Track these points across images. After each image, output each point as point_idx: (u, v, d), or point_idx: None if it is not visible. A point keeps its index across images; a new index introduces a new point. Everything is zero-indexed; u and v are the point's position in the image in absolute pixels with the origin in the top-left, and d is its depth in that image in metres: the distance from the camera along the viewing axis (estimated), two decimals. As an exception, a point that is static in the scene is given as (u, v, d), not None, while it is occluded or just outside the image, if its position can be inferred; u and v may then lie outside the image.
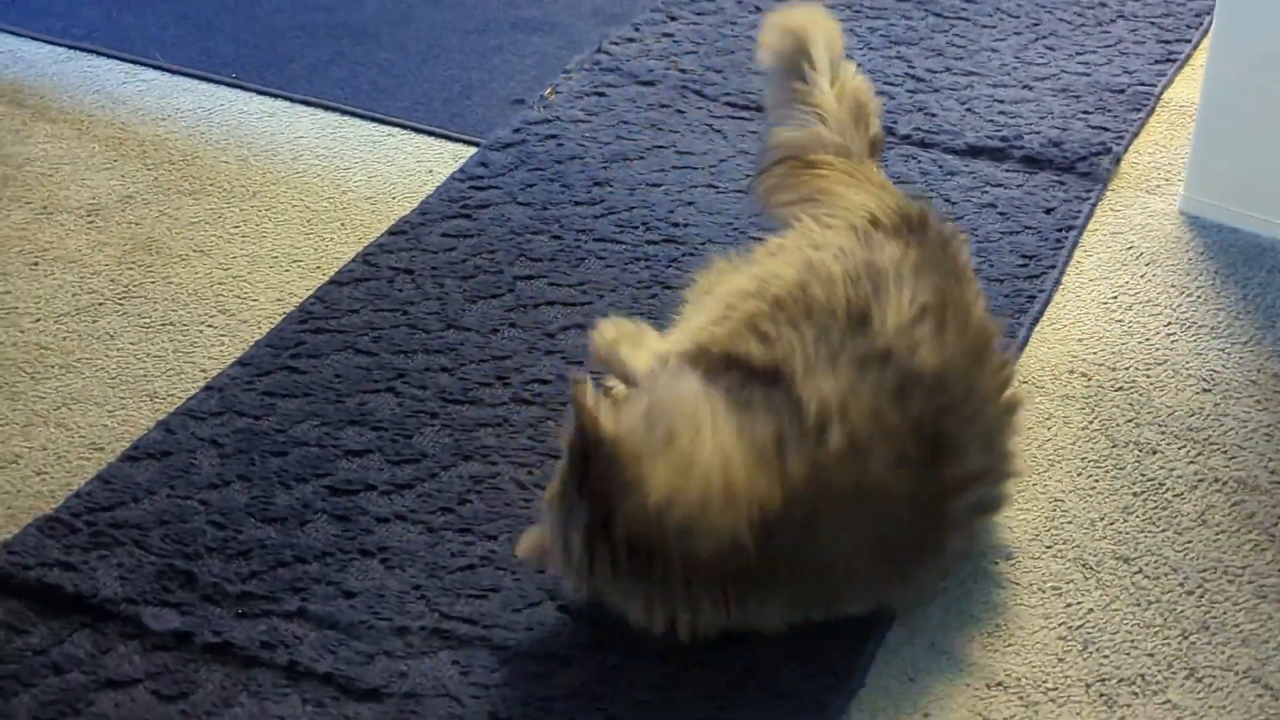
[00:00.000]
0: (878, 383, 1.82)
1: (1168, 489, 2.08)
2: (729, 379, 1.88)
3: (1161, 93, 2.88)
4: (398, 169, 2.73)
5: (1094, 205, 2.60)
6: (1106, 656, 1.87)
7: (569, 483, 1.78)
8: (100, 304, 2.41)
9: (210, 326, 2.37)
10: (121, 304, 2.41)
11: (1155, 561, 1.98)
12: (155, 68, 3.01)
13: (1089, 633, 1.89)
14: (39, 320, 2.38)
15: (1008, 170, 2.69)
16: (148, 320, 2.38)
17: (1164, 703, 1.81)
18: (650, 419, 1.81)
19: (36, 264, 2.50)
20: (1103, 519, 2.04)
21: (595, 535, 1.76)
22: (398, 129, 2.84)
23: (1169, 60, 2.97)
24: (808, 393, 1.82)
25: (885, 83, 2.91)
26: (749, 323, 1.94)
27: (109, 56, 3.05)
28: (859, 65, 2.93)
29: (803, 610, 1.83)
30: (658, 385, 1.89)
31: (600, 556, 1.76)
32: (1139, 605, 1.93)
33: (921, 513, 1.83)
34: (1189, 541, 2.01)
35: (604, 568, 1.77)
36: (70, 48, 3.08)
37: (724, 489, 1.75)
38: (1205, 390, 2.23)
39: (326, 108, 2.90)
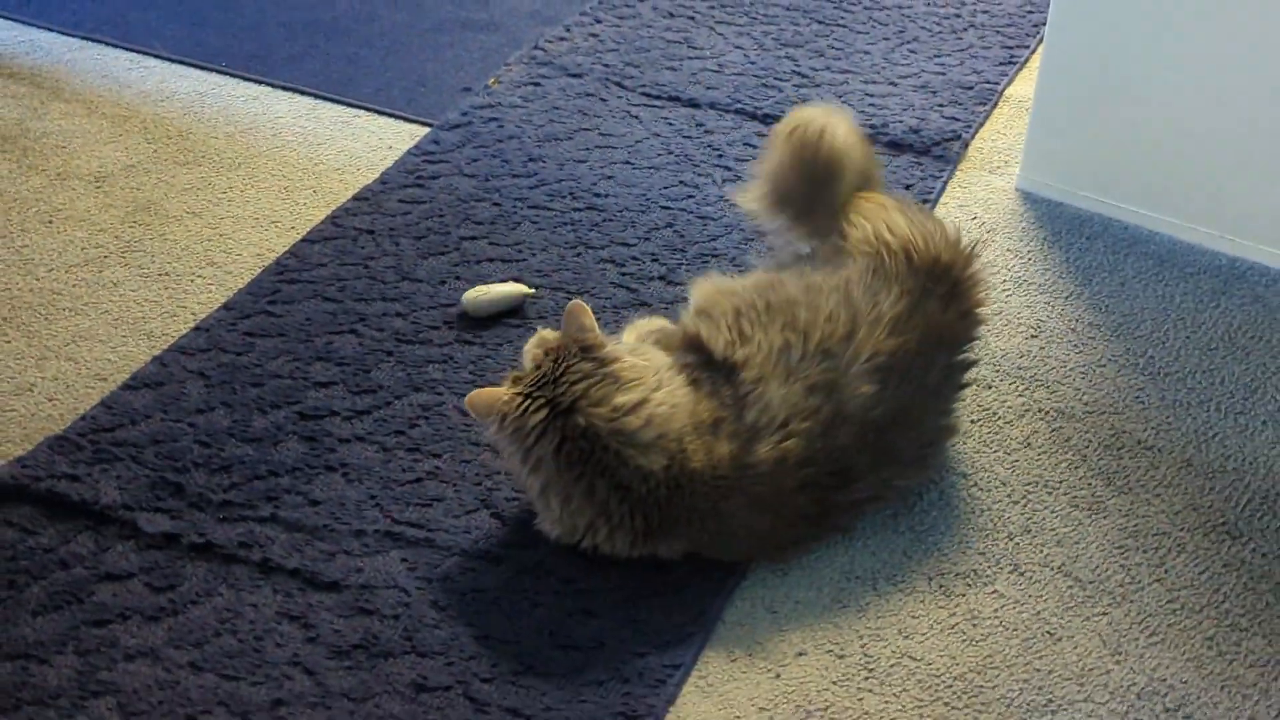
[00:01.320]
0: (817, 410, 1.79)
1: (999, 417, 2.09)
2: (690, 358, 1.87)
3: (1004, 89, 2.89)
4: (362, 145, 2.69)
5: (946, 183, 2.61)
6: (945, 555, 1.88)
7: (547, 368, 1.77)
8: (105, 256, 2.37)
9: (200, 276, 2.34)
10: (124, 257, 2.37)
11: (988, 477, 2.00)
12: (156, 56, 2.96)
13: (931, 535, 1.91)
14: (52, 270, 2.34)
15: (876, 153, 2.68)
16: (146, 271, 2.34)
17: (992, 593, 1.83)
18: (630, 355, 1.81)
19: (51, 222, 2.45)
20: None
21: (554, 418, 1.74)
22: (363, 111, 2.80)
23: (1010, 62, 2.98)
24: (754, 396, 1.80)
25: (775, 79, 2.89)
26: (737, 313, 1.89)
27: (116, 46, 2.98)
28: (753, 63, 2.94)
29: (696, 549, 1.82)
30: (635, 348, 1.88)
31: (550, 439, 1.74)
32: (973, 513, 1.94)
33: (809, 520, 1.83)
34: (1016, 460, 2.03)
35: (550, 449, 1.74)
36: (82, 38, 3.01)
37: (661, 430, 1.75)
38: (1033, 336, 2.25)
39: (302, 92, 2.85)
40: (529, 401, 1.77)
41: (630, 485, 1.74)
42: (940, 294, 1.92)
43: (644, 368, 1.80)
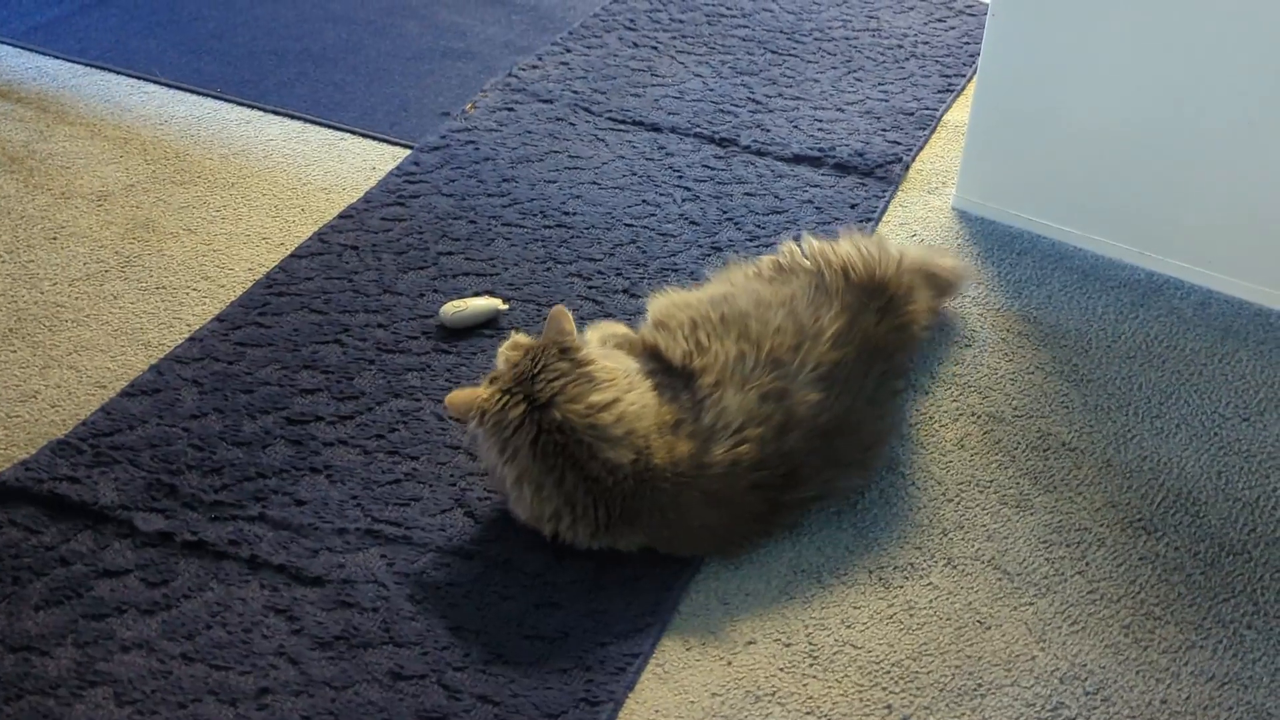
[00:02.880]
0: (769, 416, 1.80)
1: (935, 420, 2.10)
2: (650, 366, 1.87)
3: (942, 115, 2.89)
4: (348, 166, 2.67)
5: (888, 202, 2.61)
6: (884, 549, 1.88)
7: (525, 366, 1.76)
8: (106, 271, 2.35)
9: (195, 290, 2.31)
10: (123, 271, 2.35)
11: (924, 476, 2.00)
12: (155, 82, 2.93)
13: (871, 531, 1.91)
14: (56, 284, 2.31)
15: (823, 174, 2.69)
16: (144, 284, 2.32)
17: (928, 585, 1.83)
18: (604, 359, 1.81)
19: (55, 238, 2.43)
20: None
21: (531, 412, 1.74)
22: (349, 134, 2.78)
23: (948, 90, 2.98)
24: (711, 401, 1.80)
25: (732, 105, 2.89)
26: (694, 325, 1.90)
27: (118, 73, 2.95)
28: (711, 90, 2.93)
29: (653, 544, 1.82)
30: (608, 353, 1.87)
31: (526, 430, 1.74)
32: (910, 510, 1.94)
33: (759, 518, 1.83)
34: (950, 461, 2.03)
35: (526, 441, 1.73)
36: (86, 65, 2.98)
37: (630, 427, 1.74)
38: (966, 346, 2.25)
39: (292, 116, 2.83)
40: (508, 397, 1.76)
41: (598, 477, 1.74)
42: (875, 308, 1.94)
43: (616, 370, 1.80)
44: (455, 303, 2.23)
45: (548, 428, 1.73)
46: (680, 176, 2.66)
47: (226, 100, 2.87)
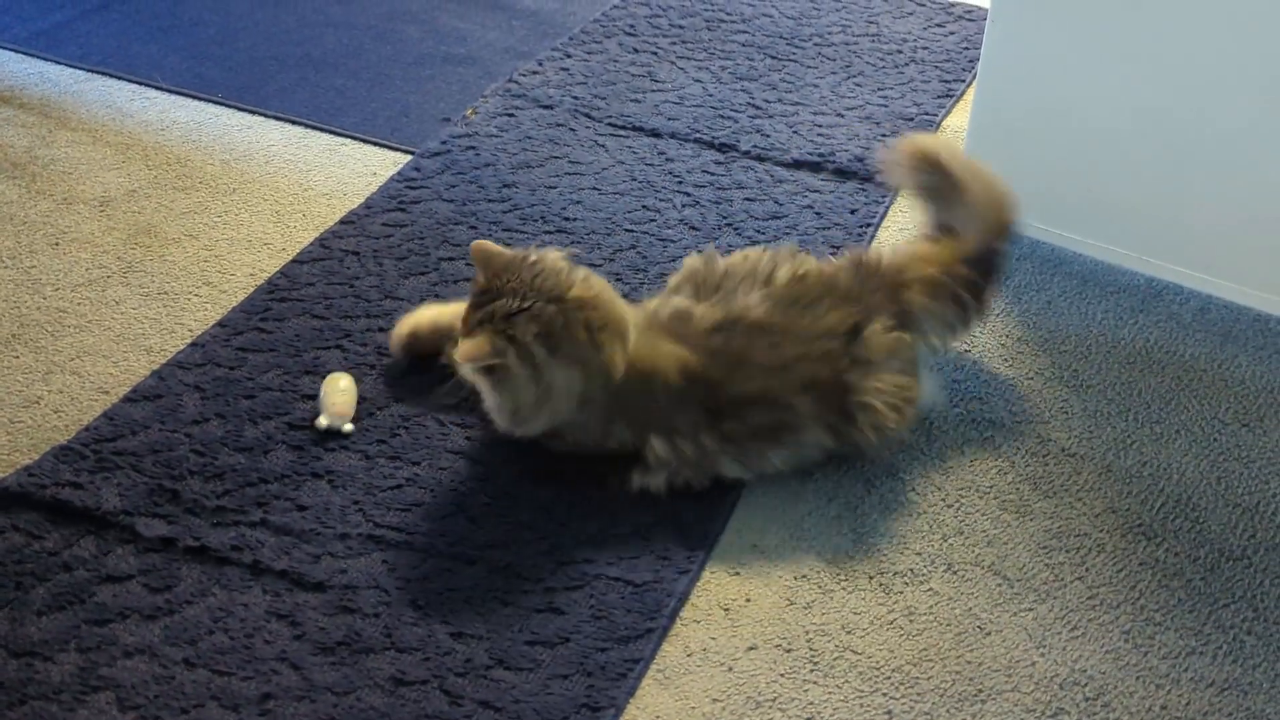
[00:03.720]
0: (723, 315, 1.96)
1: (935, 426, 2.10)
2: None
3: (941, 120, 2.90)
4: (349, 171, 2.68)
5: (888, 208, 2.61)
6: (884, 554, 1.89)
7: (525, 277, 1.86)
8: (108, 277, 2.35)
9: (196, 295, 2.32)
10: (125, 277, 2.35)
11: (923, 482, 2.00)
12: (157, 88, 2.93)
13: (871, 537, 1.91)
14: (59, 289, 2.32)
15: (823, 179, 2.69)
16: (146, 290, 2.32)
17: (928, 590, 1.84)
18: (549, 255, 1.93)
19: (57, 244, 2.43)
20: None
21: (540, 306, 1.84)
22: (350, 140, 2.79)
23: (948, 95, 2.99)
24: (699, 311, 1.98)
25: (731, 110, 2.90)
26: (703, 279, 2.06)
27: (120, 78, 2.96)
28: (711, 95, 2.94)
29: (628, 437, 1.91)
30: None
31: (539, 342, 1.83)
32: (910, 515, 1.95)
33: (705, 412, 1.91)
34: (949, 466, 2.03)
35: (529, 332, 1.83)
36: (88, 71, 2.98)
37: (620, 330, 1.88)
38: (966, 351, 2.26)
39: (293, 122, 2.84)
40: (524, 317, 1.84)
41: (585, 364, 1.86)
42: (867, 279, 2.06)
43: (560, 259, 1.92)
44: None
45: (554, 315, 1.83)
46: (680, 182, 2.66)
47: (228, 106, 2.88)
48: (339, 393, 2.04)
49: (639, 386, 1.90)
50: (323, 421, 2.01)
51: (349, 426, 2.01)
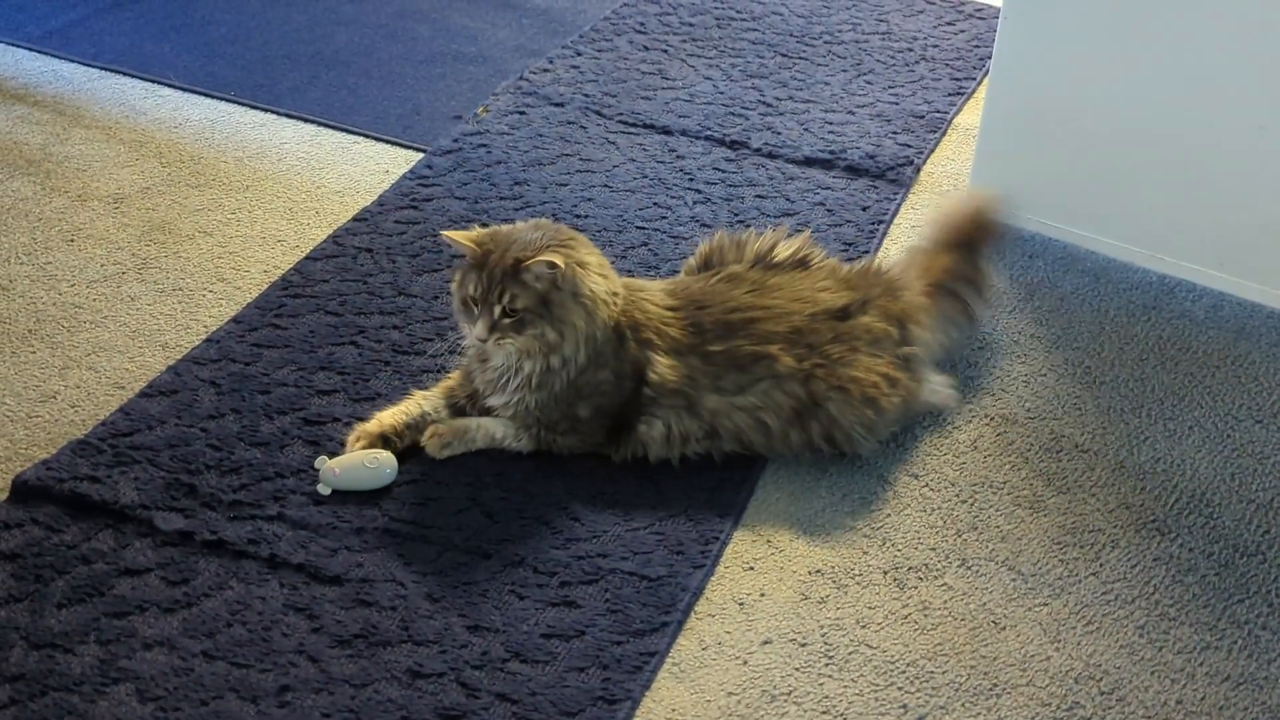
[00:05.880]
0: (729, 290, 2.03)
1: (948, 422, 2.11)
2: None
3: (952, 118, 2.91)
4: (361, 169, 2.69)
5: (899, 204, 2.62)
6: (899, 550, 1.89)
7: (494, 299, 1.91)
8: (123, 273, 2.36)
9: (211, 292, 2.33)
10: (140, 273, 2.37)
11: (937, 478, 2.01)
12: (170, 86, 2.94)
13: (885, 532, 1.92)
14: (74, 285, 2.33)
15: (835, 176, 2.70)
16: (161, 286, 2.34)
17: (942, 585, 1.84)
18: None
19: (72, 240, 2.44)
20: (898, 445, 2.06)
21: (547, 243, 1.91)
22: (362, 138, 2.80)
23: (959, 93, 2.99)
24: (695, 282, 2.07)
25: (742, 107, 2.91)
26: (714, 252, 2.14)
27: (133, 76, 2.97)
28: (721, 93, 2.95)
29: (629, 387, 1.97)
30: None
31: (537, 310, 1.89)
32: (924, 511, 1.96)
33: (702, 358, 1.98)
34: (964, 462, 2.04)
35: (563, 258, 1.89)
36: (102, 69, 3.00)
37: (605, 270, 1.98)
38: (980, 348, 2.26)
39: (306, 120, 2.85)
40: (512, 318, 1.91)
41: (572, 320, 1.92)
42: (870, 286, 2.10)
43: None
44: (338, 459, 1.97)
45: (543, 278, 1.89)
46: (691, 179, 2.67)
47: (240, 104, 2.89)
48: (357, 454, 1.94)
49: (634, 319, 1.97)
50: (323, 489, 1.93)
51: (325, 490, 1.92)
